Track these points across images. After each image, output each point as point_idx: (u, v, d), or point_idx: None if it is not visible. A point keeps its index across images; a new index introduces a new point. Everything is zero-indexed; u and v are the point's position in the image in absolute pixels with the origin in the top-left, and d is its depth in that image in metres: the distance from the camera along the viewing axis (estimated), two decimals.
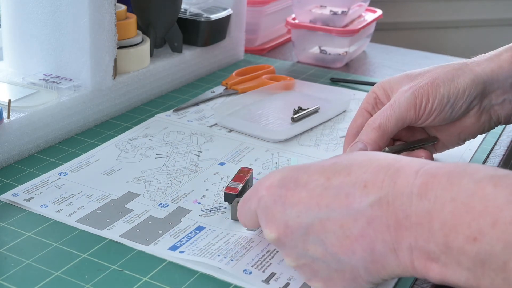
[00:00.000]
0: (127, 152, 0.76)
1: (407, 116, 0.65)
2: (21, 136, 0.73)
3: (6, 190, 0.67)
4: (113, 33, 0.82)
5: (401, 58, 1.17)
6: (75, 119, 0.80)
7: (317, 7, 1.11)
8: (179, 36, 0.96)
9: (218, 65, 1.05)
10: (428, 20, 1.99)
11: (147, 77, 0.90)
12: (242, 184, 0.65)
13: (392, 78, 0.69)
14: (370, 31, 1.18)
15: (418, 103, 0.65)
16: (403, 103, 0.65)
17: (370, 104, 0.70)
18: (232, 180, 0.66)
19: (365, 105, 0.70)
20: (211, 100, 0.92)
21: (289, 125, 0.83)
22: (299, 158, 0.76)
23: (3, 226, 0.61)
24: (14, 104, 0.74)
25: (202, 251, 0.58)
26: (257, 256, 0.57)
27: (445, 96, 0.65)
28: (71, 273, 0.55)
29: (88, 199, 0.66)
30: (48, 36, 0.81)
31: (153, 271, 0.55)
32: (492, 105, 0.67)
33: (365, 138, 0.65)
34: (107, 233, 0.60)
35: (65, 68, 0.82)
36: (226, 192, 0.64)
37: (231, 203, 0.63)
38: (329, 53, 1.10)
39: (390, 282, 0.54)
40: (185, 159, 0.75)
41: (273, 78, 0.97)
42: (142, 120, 0.85)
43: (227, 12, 1.02)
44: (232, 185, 0.65)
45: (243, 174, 0.67)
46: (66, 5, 0.79)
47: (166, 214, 0.64)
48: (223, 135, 0.81)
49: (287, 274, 0.55)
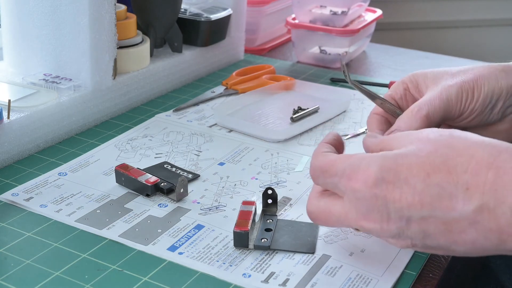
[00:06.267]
0: (127, 152, 0.76)
1: (452, 110, 0.62)
2: (21, 136, 0.73)
3: (6, 190, 0.67)
4: (113, 33, 0.82)
5: (401, 58, 1.17)
6: (75, 119, 0.80)
7: (317, 7, 1.11)
8: (179, 36, 0.96)
9: (218, 65, 1.05)
10: (428, 20, 1.99)
11: (147, 77, 0.90)
12: (250, 220, 0.60)
13: (428, 72, 0.65)
14: (370, 31, 1.18)
15: (464, 98, 0.62)
16: (452, 96, 0.61)
17: (398, 94, 0.66)
18: (238, 218, 0.60)
19: (392, 94, 0.66)
20: (211, 100, 0.92)
21: (289, 125, 0.83)
22: (300, 158, 0.76)
23: (3, 226, 0.61)
24: (14, 104, 0.74)
25: (201, 254, 0.58)
26: (256, 259, 0.57)
27: (489, 95, 0.62)
28: (71, 273, 0.55)
29: (88, 199, 0.66)
30: (48, 36, 0.81)
31: (153, 271, 0.55)
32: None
33: (406, 127, 0.61)
34: (107, 232, 0.60)
35: (65, 68, 0.82)
36: (236, 231, 0.58)
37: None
38: (329, 53, 1.10)
39: (390, 281, 0.54)
40: (185, 159, 0.75)
41: (273, 78, 0.97)
42: (142, 120, 0.85)
43: (227, 12, 1.02)
44: (240, 224, 0.59)
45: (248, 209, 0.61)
46: (66, 5, 0.79)
47: (165, 213, 0.64)
48: (223, 135, 0.81)
49: (287, 271, 0.55)
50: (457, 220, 0.48)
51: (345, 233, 0.61)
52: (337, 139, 0.58)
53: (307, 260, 0.57)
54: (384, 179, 0.50)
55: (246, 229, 0.58)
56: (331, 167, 0.53)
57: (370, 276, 0.55)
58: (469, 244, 0.49)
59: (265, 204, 0.64)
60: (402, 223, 0.50)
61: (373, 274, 0.55)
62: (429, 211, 0.48)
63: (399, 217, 0.49)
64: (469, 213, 0.47)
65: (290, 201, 0.66)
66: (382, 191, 0.50)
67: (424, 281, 0.56)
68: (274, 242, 0.59)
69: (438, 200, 0.48)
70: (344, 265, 0.57)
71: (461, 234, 0.48)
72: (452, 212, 0.48)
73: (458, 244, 0.49)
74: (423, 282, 0.56)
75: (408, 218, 0.49)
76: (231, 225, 0.60)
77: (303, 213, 0.64)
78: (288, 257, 0.58)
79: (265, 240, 0.59)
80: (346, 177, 0.52)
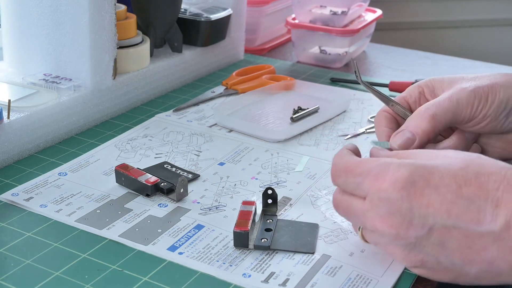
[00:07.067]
0: (127, 152, 0.76)
1: (463, 113, 0.61)
2: (21, 136, 0.73)
3: (6, 190, 0.67)
4: (113, 33, 0.82)
5: (401, 58, 1.17)
6: (75, 119, 0.80)
7: (317, 7, 1.11)
8: (179, 36, 0.96)
9: (218, 65, 1.05)
10: (428, 20, 1.99)
11: (147, 77, 0.90)
12: (250, 220, 0.60)
13: (446, 77, 0.65)
14: (370, 31, 1.18)
15: (477, 103, 0.61)
16: (463, 98, 0.61)
17: (412, 97, 0.65)
18: (238, 218, 0.60)
19: (406, 96, 0.66)
20: (211, 100, 0.92)
21: (289, 125, 0.83)
22: (300, 158, 0.76)
23: (3, 226, 0.61)
24: (14, 104, 0.74)
25: (201, 254, 0.58)
26: (256, 259, 0.57)
27: (503, 102, 0.61)
28: (71, 273, 0.55)
29: (88, 199, 0.66)
30: (48, 36, 0.81)
31: (153, 271, 0.55)
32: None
33: (413, 128, 0.61)
34: (107, 232, 0.60)
35: (65, 68, 0.82)
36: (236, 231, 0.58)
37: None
38: (329, 53, 1.10)
39: (390, 281, 0.54)
40: (185, 159, 0.75)
41: (273, 78, 0.97)
42: (142, 120, 0.85)
43: (227, 12, 1.02)
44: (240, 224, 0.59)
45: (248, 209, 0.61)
46: (66, 5, 0.79)
47: (165, 213, 0.64)
48: (223, 135, 0.81)
49: (287, 271, 0.55)
50: (482, 235, 0.47)
51: (345, 233, 0.61)
52: (357, 149, 0.58)
53: (307, 260, 0.57)
54: (415, 183, 0.49)
55: (246, 229, 0.58)
56: (356, 167, 0.53)
57: (370, 276, 0.55)
58: (485, 264, 0.48)
59: (265, 204, 0.64)
60: (424, 231, 0.49)
61: (373, 274, 0.55)
62: (454, 221, 0.48)
63: (422, 224, 0.49)
64: (495, 229, 0.47)
65: (290, 201, 0.66)
66: (410, 194, 0.49)
67: (424, 281, 0.56)
68: (274, 242, 0.59)
69: (466, 212, 0.48)
70: (344, 265, 0.57)
71: (480, 252, 0.48)
72: (478, 226, 0.47)
73: (473, 263, 0.48)
74: (423, 282, 0.56)
75: (431, 227, 0.49)
76: (231, 225, 0.60)
77: (303, 213, 0.64)
78: (288, 257, 0.58)
79: (265, 240, 0.59)
80: (372, 177, 0.51)
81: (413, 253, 0.51)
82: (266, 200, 0.64)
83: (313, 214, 0.64)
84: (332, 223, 0.63)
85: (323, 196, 0.68)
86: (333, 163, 0.55)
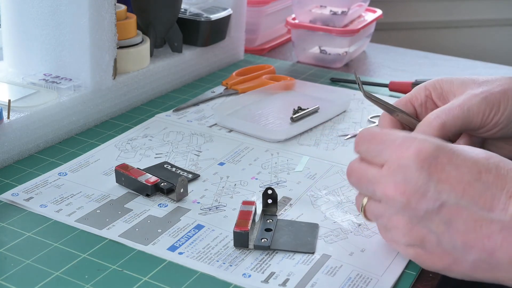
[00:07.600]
0: (127, 152, 0.76)
1: (473, 121, 0.60)
2: (21, 136, 0.73)
3: (6, 190, 0.67)
4: (113, 33, 0.82)
5: (401, 58, 1.17)
6: (75, 119, 0.80)
7: (317, 7, 1.11)
8: (179, 36, 0.96)
9: (218, 65, 1.05)
10: (427, 20, 1.99)
11: (147, 77, 0.90)
12: (250, 220, 0.59)
13: (454, 79, 0.63)
14: (370, 31, 1.18)
15: (488, 110, 0.59)
16: (474, 106, 0.59)
17: (418, 100, 0.64)
18: (238, 218, 0.60)
19: (411, 98, 0.64)
20: (211, 100, 0.92)
21: (289, 125, 0.83)
22: (300, 158, 0.76)
23: (3, 226, 0.61)
24: (14, 104, 0.74)
25: (201, 254, 0.58)
26: (256, 259, 0.57)
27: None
28: (71, 273, 0.55)
29: (88, 199, 0.66)
30: (48, 36, 0.81)
31: (153, 271, 0.55)
32: None
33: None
34: (107, 232, 0.60)
35: (65, 68, 0.82)
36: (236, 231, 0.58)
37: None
38: (329, 53, 1.10)
39: (390, 281, 0.54)
40: (185, 159, 0.75)
41: (273, 78, 0.97)
42: (142, 120, 0.85)
43: (227, 12, 1.02)
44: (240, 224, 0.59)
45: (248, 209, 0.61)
46: (66, 5, 0.79)
47: (165, 213, 0.64)
48: (222, 135, 0.81)
49: (287, 271, 0.55)
50: (491, 221, 0.48)
51: (345, 233, 0.61)
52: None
53: (307, 260, 0.57)
54: (438, 157, 0.50)
55: (246, 229, 0.58)
56: (381, 135, 0.53)
57: (370, 276, 0.55)
58: (485, 253, 0.48)
59: (265, 204, 0.64)
60: (435, 205, 0.49)
61: (373, 274, 0.55)
62: (467, 202, 0.48)
63: (435, 198, 0.49)
64: (505, 219, 0.47)
65: (290, 201, 0.66)
66: (430, 167, 0.49)
67: (424, 281, 0.56)
68: (274, 242, 0.59)
69: (480, 196, 0.48)
70: (344, 265, 0.57)
71: (483, 239, 0.48)
72: (489, 212, 0.48)
73: (473, 250, 0.48)
74: (423, 282, 0.56)
75: (443, 203, 0.49)
76: (231, 225, 0.60)
77: (303, 213, 0.64)
78: (288, 257, 0.58)
79: (265, 240, 0.59)
80: (396, 146, 0.51)
81: (418, 227, 0.51)
82: (266, 200, 0.64)
83: (313, 214, 0.64)
84: (332, 223, 0.63)
85: (323, 196, 0.68)
86: (359, 133, 0.56)
